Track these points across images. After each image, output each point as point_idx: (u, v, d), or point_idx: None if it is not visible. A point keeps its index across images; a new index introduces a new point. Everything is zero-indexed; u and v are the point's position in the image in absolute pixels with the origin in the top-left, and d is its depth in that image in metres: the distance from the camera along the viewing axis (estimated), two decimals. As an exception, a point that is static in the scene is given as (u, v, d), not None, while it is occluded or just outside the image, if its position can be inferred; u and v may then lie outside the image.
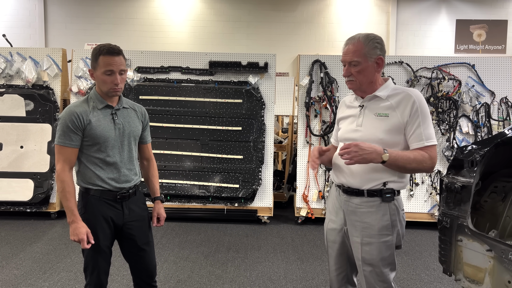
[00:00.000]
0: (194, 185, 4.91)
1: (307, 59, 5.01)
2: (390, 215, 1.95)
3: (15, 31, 8.94)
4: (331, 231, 2.14)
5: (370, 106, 2.00)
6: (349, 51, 1.96)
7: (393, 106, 1.94)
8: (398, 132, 1.93)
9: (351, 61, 1.95)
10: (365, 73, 1.95)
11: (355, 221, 2.00)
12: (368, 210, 1.96)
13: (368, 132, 1.95)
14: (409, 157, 1.86)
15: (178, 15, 9.33)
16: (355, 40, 1.97)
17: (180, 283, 3.29)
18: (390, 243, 1.96)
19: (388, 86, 2.00)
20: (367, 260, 1.96)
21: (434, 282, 3.41)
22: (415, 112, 1.89)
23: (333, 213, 2.14)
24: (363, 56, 1.93)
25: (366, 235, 1.96)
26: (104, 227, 2.11)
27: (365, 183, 1.96)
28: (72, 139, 2.04)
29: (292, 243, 4.30)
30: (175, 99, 4.95)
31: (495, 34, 9.33)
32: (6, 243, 4.12)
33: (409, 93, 1.93)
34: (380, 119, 1.95)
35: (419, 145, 1.90)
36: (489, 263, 1.92)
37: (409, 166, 1.87)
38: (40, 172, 4.85)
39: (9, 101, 4.91)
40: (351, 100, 2.13)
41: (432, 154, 1.89)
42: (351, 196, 2.01)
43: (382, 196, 1.94)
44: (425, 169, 1.90)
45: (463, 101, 4.81)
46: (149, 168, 2.40)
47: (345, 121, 2.10)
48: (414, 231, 4.71)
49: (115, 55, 2.03)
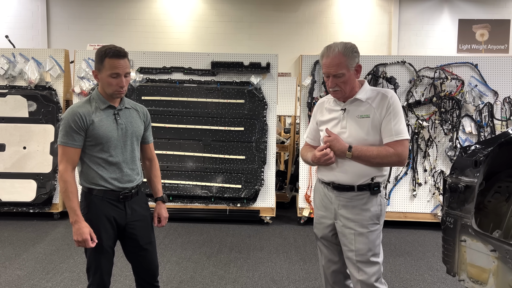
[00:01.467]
0: (197, 185, 4.91)
1: (309, 59, 5.00)
2: (377, 205, 2.13)
3: (17, 32, 8.96)
4: (320, 225, 2.29)
5: (352, 109, 2.14)
6: (333, 64, 2.05)
7: (372, 107, 2.10)
8: (378, 131, 2.09)
9: (336, 74, 2.05)
10: (349, 82, 2.09)
11: (347, 214, 2.13)
12: (358, 203, 2.12)
13: (353, 134, 2.11)
14: (372, 152, 2.04)
15: (180, 16, 9.34)
16: (335, 53, 2.04)
17: (183, 284, 3.29)
18: (379, 231, 2.15)
19: (366, 88, 2.15)
20: (360, 250, 2.10)
21: (438, 282, 3.39)
22: (387, 110, 2.06)
23: (321, 209, 2.28)
24: (346, 67, 2.04)
25: (359, 226, 2.10)
26: (107, 227, 2.11)
27: (357, 180, 2.11)
28: (75, 139, 2.04)
29: (295, 243, 4.29)
30: (178, 99, 4.95)
31: (498, 34, 9.30)
32: (9, 243, 4.13)
33: (385, 94, 2.11)
34: (362, 121, 2.10)
35: (389, 140, 2.05)
36: (493, 263, 1.91)
37: (373, 160, 2.05)
38: (43, 172, 4.86)
39: (12, 102, 4.92)
40: (330, 103, 2.25)
41: (399, 150, 2.03)
42: (341, 192, 2.15)
43: (371, 190, 2.11)
44: (391, 164, 2.08)
45: (466, 101, 4.79)
46: (151, 168, 2.40)
47: (328, 124, 2.21)
48: (417, 231, 4.69)
49: (121, 58, 2.03)
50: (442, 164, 4.84)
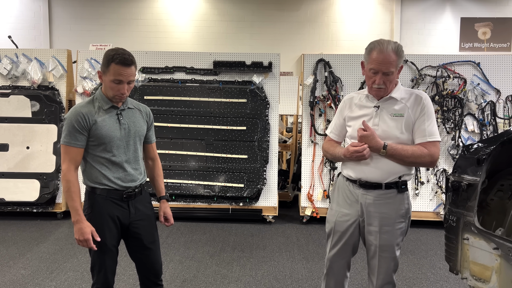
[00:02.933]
0: (199, 184, 4.92)
1: (311, 58, 5.01)
2: (404, 204, 2.15)
3: (19, 32, 8.99)
4: (343, 222, 2.26)
5: (386, 107, 2.15)
6: (386, 62, 2.02)
7: (407, 106, 2.12)
8: (411, 130, 2.12)
9: (387, 72, 2.04)
10: (393, 81, 2.11)
11: (374, 212, 2.15)
12: (385, 202, 2.14)
13: (385, 131, 2.12)
14: (407, 151, 2.06)
15: (181, 16, 9.35)
16: (389, 51, 2.03)
17: (186, 283, 3.30)
18: (403, 229, 2.18)
19: (400, 88, 2.17)
20: (384, 247, 2.14)
21: (440, 281, 3.40)
22: (421, 111, 2.09)
23: (345, 206, 2.26)
24: (395, 66, 2.06)
25: (385, 224, 2.14)
26: (110, 226, 2.12)
27: (386, 177, 2.13)
28: (78, 139, 2.05)
29: (297, 242, 4.30)
30: (180, 99, 4.96)
31: (500, 32, 9.27)
32: (13, 243, 4.15)
33: (419, 95, 2.14)
34: (395, 119, 2.12)
35: (422, 140, 2.08)
36: (496, 261, 1.92)
37: (407, 159, 2.07)
38: (46, 172, 4.88)
39: (15, 102, 4.94)
40: (361, 99, 2.24)
41: (432, 150, 2.07)
42: (369, 190, 2.16)
43: (398, 188, 2.13)
44: (424, 164, 2.12)
45: (469, 99, 4.78)
46: (154, 167, 2.41)
47: (358, 120, 2.19)
48: (419, 230, 4.69)
49: (127, 66, 2.02)
50: (444, 163, 4.84)
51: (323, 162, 4.92)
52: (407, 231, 2.21)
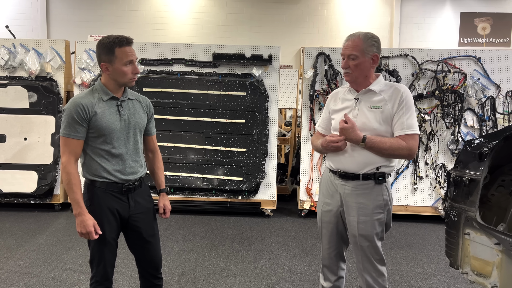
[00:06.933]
0: (198, 177, 4.90)
1: (311, 51, 4.98)
2: (382, 195, 2.18)
3: (17, 22, 8.89)
4: (326, 212, 2.33)
5: (364, 99, 2.20)
6: (349, 46, 2.16)
7: (385, 99, 2.16)
8: (389, 122, 2.16)
9: (350, 55, 2.15)
10: (361, 67, 2.15)
11: (352, 202, 2.20)
12: (363, 192, 2.18)
13: (363, 122, 2.16)
14: (385, 144, 2.10)
15: (180, 7, 9.27)
16: (355, 37, 2.16)
17: (185, 275, 3.30)
18: (382, 220, 2.20)
19: (380, 81, 2.22)
20: (363, 236, 2.18)
21: (438, 275, 3.41)
22: (400, 104, 2.13)
23: (327, 196, 2.33)
24: (361, 51, 2.13)
25: (362, 214, 2.17)
26: (110, 219, 2.10)
27: (362, 168, 2.17)
28: (78, 130, 2.02)
29: (296, 236, 4.30)
30: (179, 91, 4.93)
31: (500, 27, 9.25)
32: (11, 234, 4.13)
33: (398, 88, 2.17)
34: (373, 111, 2.16)
35: (401, 133, 2.12)
36: (497, 256, 1.92)
37: (385, 151, 2.11)
38: (44, 164, 4.85)
39: (13, 92, 4.90)
40: (344, 93, 2.32)
41: (410, 143, 2.11)
42: (347, 180, 2.21)
43: (376, 179, 2.17)
44: (402, 156, 2.14)
45: (468, 94, 4.77)
46: (154, 160, 2.39)
47: (340, 113, 2.26)
48: (418, 224, 4.71)
49: (130, 44, 2.08)
50: (443, 158, 4.84)
51: (322, 156, 4.91)
52: (389, 222, 2.24)
